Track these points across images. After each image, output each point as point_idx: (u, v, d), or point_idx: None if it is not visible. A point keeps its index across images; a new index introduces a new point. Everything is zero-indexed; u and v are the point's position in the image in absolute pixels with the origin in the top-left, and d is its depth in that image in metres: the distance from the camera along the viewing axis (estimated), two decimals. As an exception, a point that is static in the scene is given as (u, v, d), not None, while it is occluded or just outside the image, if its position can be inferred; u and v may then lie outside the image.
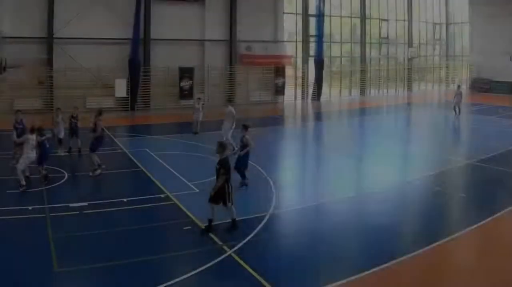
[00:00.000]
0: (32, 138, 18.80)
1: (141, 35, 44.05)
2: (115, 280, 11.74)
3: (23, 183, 18.45)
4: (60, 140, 25.11)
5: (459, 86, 42.03)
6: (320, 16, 53.65)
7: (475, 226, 15.57)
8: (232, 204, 14.70)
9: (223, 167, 14.49)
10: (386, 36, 62.63)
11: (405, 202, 18.73)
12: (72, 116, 25.53)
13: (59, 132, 25.05)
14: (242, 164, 19.20)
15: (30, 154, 18.60)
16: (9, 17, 38.78)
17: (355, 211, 17.27)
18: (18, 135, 20.95)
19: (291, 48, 54.09)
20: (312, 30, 54.86)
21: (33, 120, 21.64)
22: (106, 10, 42.77)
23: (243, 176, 19.14)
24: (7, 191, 18.07)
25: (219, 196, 14.53)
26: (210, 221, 14.62)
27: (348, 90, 59.72)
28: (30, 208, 16.22)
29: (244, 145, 19.27)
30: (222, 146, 14.98)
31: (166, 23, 45.01)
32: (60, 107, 26.93)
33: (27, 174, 19.50)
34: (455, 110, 39.37)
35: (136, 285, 11.48)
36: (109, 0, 42.86)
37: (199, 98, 34.67)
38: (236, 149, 23.12)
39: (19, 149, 19.75)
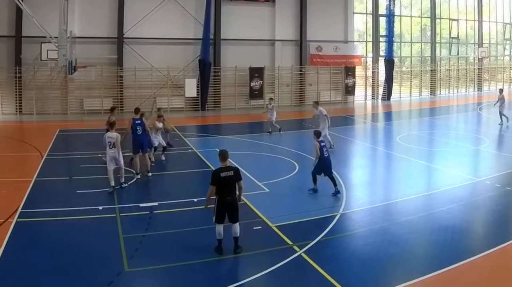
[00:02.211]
0: (110, 136, 17.44)
1: (211, 35, 42.02)
2: (185, 280, 11.16)
3: (122, 180, 18.02)
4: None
5: (501, 90, 34.89)
6: (390, 16, 50.49)
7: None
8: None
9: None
10: (456, 36, 58.14)
11: (475, 201, 17.04)
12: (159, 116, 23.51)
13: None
14: (315, 171, 17.43)
15: (108, 151, 17.41)
16: (79, 17, 37.82)
17: (424, 210, 15.87)
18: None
19: (361, 48, 50.79)
20: (382, 30, 51.83)
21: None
22: (176, 10, 41.22)
23: (314, 181, 17.54)
24: (77, 191, 17.33)
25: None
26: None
27: (418, 90, 55.81)
28: (100, 208, 15.56)
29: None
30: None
31: (236, 23, 43.21)
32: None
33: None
34: (501, 117, 33.56)
35: (207, 285, 10.95)
36: (179, 0, 40.98)
37: (271, 99, 32.23)
38: (332, 146, 23.65)
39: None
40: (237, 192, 12.35)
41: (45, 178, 19.36)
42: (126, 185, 17.94)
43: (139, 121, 20.01)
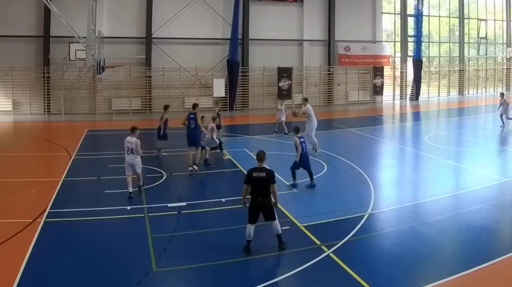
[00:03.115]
0: (129, 141, 16.41)
1: (240, 35, 40.93)
2: (213, 280, 10.89)
3: (140, 183, 17.27)
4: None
5: (502, 94, 32.66)
6: (418, 16, 48.96)
7: None
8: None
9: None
10: (484, 36, 56.03)
11: (503, 201, 16.48)
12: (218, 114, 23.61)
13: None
14: (295, 166, 17.60)
15: (126, 157, 16.49)
16: (107, 17, 37.20)
17: (453, 210, 15.55)
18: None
19: (389, 48, 49.05)
20: (411, 30, 50.17)
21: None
22: (204, 10, 40.28)
23: (294, 177, 17.64)
24: (105, 191, 17.07)
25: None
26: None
27: (446, 90, 54.17)
28: (128, 208, 15.30)
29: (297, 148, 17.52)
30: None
31: (265, 23, 42.13)
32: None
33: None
34: (501, 119, 31.27)
35: (235, 285, 10.69)
36: (207, 0, 39.93)
37: (282, 101, 32.32)
38: (317, 150, 22.75)
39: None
40: (272, 196, 12.01)
41: (73, 178, 19.02)
42: (145, 186, 17.04)
43: (192, 116, 20.25)
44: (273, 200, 12.04)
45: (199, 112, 20.87)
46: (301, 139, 17.43)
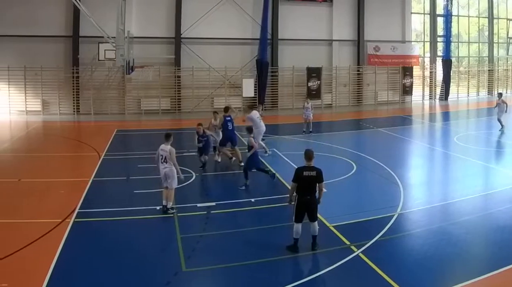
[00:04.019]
0: (163, 149, 14.74)
1: (269, 35, 39.79)
2: (242, 280, 10.62)
3: (168, 205, 15.63)
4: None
5: (500, 94, 30.40)
6: (447, 16, 47.28)
7: None
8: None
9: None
10: (513, 36, 54.08)
11: None
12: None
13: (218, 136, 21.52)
14: (249, 166, 17.55)
15: (160, 166, 14.79)
16: (136, 17, 36.46)
17: (482, 210, 15.08)
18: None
19: (418, 48, 47.45)
20: (440, 30, 48.47)
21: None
22: (233, 10, 39.32)
23: (246, 177, 17.45)
24: (134, 191, 16.63)
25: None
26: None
27: (475, 90, 52.33)
28: (157, 208, 14.69)
29: (250, 147, 17.57)
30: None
31: (294, 23, 40.94)
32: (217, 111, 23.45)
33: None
34: (499, 122, 28.92)
35: (264, 285, 10.32)
36: (236, 0, 38.90)
37: (307, 99, 30.97)
38: (268, 152, 22.38)
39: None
40: (317, 193, 11.80)
41: (102, 178, 18.64)
42: (174, 210, 14.51)
43: (229, 118, 20.50)
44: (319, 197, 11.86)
45: (232, 113, 21.12)
46: (254, 139, 17.53)
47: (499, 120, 28.86)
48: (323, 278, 10.55)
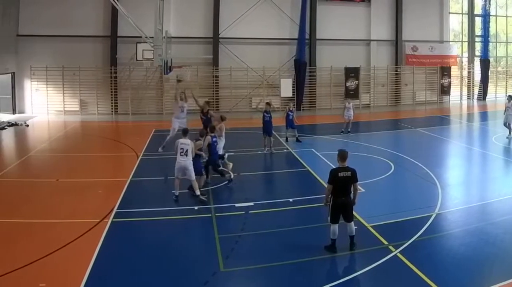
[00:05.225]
0: (183, 142, 15.45)
1: (307, 35, 38.14)
2: (281, 280, 10.27)
3: (176, 193, 16.00)
4: None
5: (510, 97, 25.97)
6: (486, 16, 45.10)
7: None
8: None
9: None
10: (552, 36, 51.15)
11: None
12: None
13: None
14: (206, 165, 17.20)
15: (179, 158, 15.33)
16: (174, 17, 35.39)
17: None
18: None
19: (456, 48, 45.19)
20: (478, 30, 46.24)
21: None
22: (271, 10, 37.75)
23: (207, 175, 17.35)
24: (172, 191, 15.78)
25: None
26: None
27: (514, 91, 49.59)
28: (196, 208, 14.65)
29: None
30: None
31: (332, 23, 39.31)
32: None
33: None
34: (508, 127, 25.63)
35: (302, 285, 10.03)
36: (274, 0, 37.36)
37: (347, 99, 30.92)
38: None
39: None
40: (352, 194, 11.64)
41: (140, 178, 18.34)
42: (204, 196, 15.40)
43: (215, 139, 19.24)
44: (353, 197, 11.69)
45: (269, 107, 22.56)
46: (214, 139, 16.87)
47: (506, 125, 25.83)
48: (361, 279, 10.37)
